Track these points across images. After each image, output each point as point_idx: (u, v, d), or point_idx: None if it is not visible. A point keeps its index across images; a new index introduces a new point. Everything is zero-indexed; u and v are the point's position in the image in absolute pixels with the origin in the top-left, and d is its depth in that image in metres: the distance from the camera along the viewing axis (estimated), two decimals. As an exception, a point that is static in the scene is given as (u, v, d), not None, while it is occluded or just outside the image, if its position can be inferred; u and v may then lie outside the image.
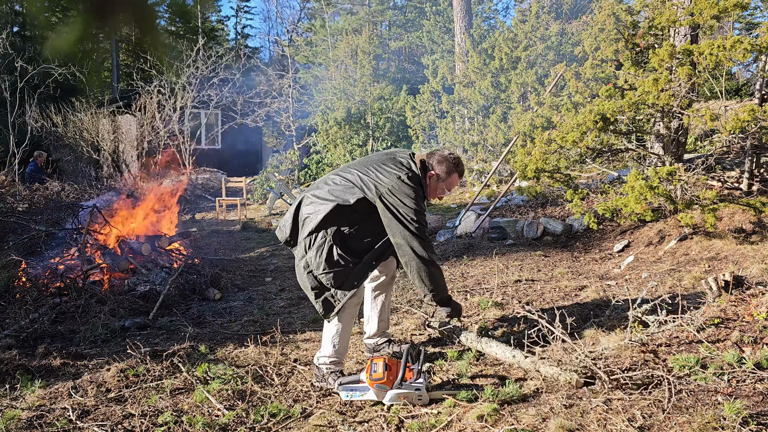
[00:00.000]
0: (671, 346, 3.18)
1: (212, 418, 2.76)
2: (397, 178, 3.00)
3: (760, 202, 5.13)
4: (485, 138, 11.05)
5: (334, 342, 3.11)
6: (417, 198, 3.00)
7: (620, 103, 5.52)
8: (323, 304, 3.05)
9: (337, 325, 3.10)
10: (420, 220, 2.97)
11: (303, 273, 3.06)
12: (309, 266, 3.02)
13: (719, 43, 5.01)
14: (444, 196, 3.30)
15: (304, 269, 3.05)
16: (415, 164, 3.11)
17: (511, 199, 8.85)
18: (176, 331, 4.38)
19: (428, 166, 3.17)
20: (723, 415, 2.37)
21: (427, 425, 2.59)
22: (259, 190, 13.86)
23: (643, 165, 6.67)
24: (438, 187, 3.21)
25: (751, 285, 3.80)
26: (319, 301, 3.05)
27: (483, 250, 6.63)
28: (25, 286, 4.91)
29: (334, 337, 3.11)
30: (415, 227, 2.95)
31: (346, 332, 3.14)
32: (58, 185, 10.24)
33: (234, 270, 6.46)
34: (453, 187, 3.28)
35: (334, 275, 2.98)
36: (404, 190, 2.98)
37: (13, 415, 2.83)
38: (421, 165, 3.14)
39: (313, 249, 3.00)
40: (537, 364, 2.99)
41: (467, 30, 14.35)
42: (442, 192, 3.25)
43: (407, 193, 2.98)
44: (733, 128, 4.87)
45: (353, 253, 3.02)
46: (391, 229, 2.97)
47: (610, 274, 5.27)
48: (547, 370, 2.93)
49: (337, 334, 3.10)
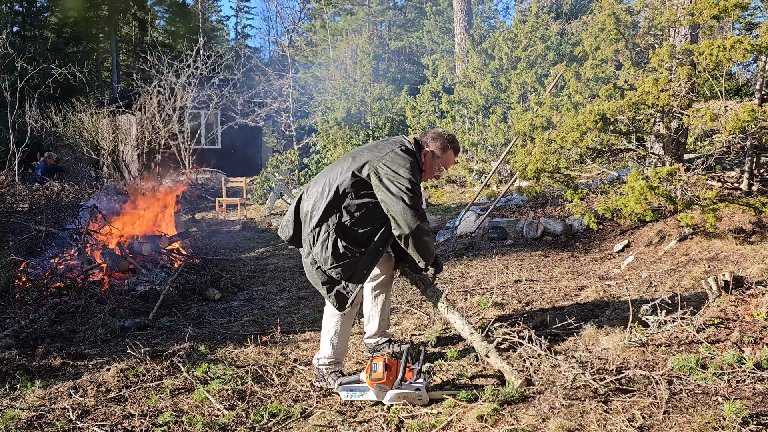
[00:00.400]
0: (671, 346, 3.18)
1: (212, 418, 2.76)
2: (390, 151, 2.99)
3: (760, 202, 5.12)
4: (485, 138, 11.05)
5: (333, 343, 3.10)
6: (412, 168, 2.93)
7: (620, 103, 5.52)
8: (336, 298, 3.02)
9: (336, 326, 3.10)
10: (414, 191, 2.88)
11: (312, 269, 3.03)
12: (317, 262, 3.00)
13: (719, 43, 5.01)
14: (440, 174, 3.22)
15: (312, 265, 3.02)
16: (409, 142, 3.10)
17: (511, 199, 8.85)
18: (176, 331, 4.38)
19: (422, 144, 3.14)
20: (723, 415, 2.37)
21: (427, 425, 2.59)
22: (259, 190, 13.85)
23: (643, 165, 6.67)
24: (434, 165, 3.14)
25: (751, 285, 3.80)
26: (332, 295, 3.02)
27: (483, 250, 6.62)
28: (25, 286, 4.91)
29: (333, 338, 3.10)
30: (409, 197, 2.85)
31: (345, 332, 3.13)
32: (58, 185, 10.23)
33: (234, 270, 6.45)
34: (449, 165, 3.20)
35: (343, 268, 2.95)
36: (398, 161, 2.94)
37: (13, 415, 2.83)
38: (415, 143, 3.11)
39: (318, 244, 2.97)
40: (489, 349, 2.99)
41: (467, 30, 14.36)
42: (439, 170, 3.17)
43: (401, 164, 2.92)
44: (733, 128, 4.87)
45: (358, 243, 2.98)
46: (385, 203, 2.89)
47: (610, 274, 5.27)
48: (496, 360, 2.94)
49: (336, 335, 3.10)
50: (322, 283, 3.02)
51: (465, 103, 12.18)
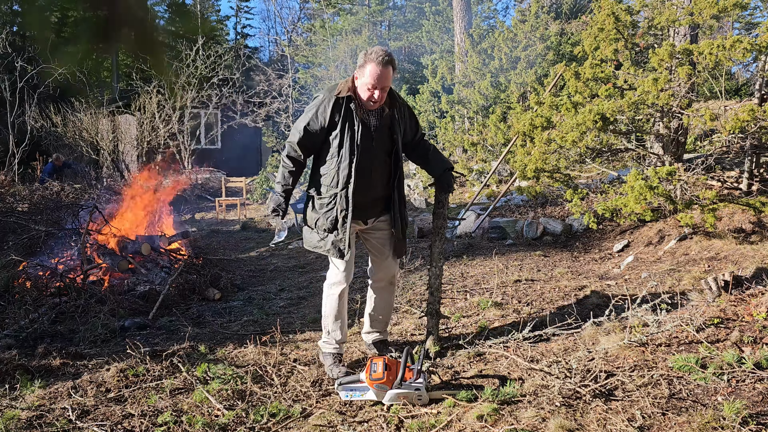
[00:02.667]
0: (671, 346, 3.18)
1: (212, 418, 2.75)
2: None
3: (760, 202, 5.12)
4: (485, 138, 11.05)
5: (326, 326, 3.35)
6: (309, 110, 3.12)
7: (620, 102, 5.51)
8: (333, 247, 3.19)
9: (324, 309, 3.35)
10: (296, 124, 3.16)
11: (307, 234, 3.28)
12: (307, 223, 3.28)
13: (719, 43, 5.01)
14: (375, 94, 3.00)
15: (307, 231, 3.28)
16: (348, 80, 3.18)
17: (510, 199, 8.85)
18: (176, 331, 4.38)
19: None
20: (723, 415, 2.37)
21: (427, 425, 2.59)
22: (258, 190, 13.86)
23: (642, 165, 6.67)
24: (362, 87, 3.03)
25: (751, 285, 3.80)
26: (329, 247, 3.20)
27: (483, 250, 6.62)
28: (25, 286, 4.90)
29: (324, 321, 3.36)
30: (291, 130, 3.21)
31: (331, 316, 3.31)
32: (58, 185, 10.24)
33: (234, 270, 6.45)
34: (374, 80, 2.95)
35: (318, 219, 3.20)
36: (310, 104, 3.17)
37: (13, 415, 2.83)
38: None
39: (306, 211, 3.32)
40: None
41: (467, 30, 14.35)
42: (368, 91, 3.00)
43: (310, 106, 3.15)
44: (733, 128, 4.87)
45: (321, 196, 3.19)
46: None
47: (610, 274, 5.27)
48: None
49: (326, 317, 3.34)
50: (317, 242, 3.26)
51: (464, 102, 12.19)
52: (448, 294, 4.79)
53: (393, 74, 3.01)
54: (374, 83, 2.97)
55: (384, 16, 27.62)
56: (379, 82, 2.96)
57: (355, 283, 5.22)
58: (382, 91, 3.00)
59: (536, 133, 6.04)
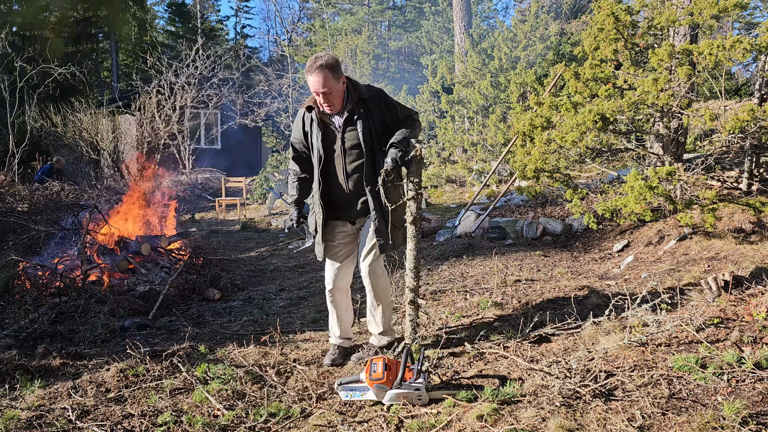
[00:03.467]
0: (671, 346, 3.18)
1: (212, 418, 2.76)
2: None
3: (760, 202, 5.13)
4: (485, 138, 11.05)
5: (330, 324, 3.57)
6: (296, 120, 3.38)
7: (620, 103, 5.51)
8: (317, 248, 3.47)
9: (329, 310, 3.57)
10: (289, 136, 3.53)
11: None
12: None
13: (719, 43, 5.01)
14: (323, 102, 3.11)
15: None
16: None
17: (510, 199, 8.85)
18: (176, 331, 4.38)
19: None
20: (723, 414, 2.37)
21: (427, 425, 2.59)
22: (258, 190, 13.86)
23: (642, 165, 6.67)
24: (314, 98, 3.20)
25: (751, 285, 3.80)
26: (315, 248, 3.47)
27: (482, 250, 6.62)
28: (25, 286, 4.90)
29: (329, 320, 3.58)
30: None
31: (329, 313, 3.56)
32: (58, 185, 10.24)
33: (234, 270, 6.45)
34: (314, 88, 3.06)
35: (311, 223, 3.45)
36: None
37: (13, 415, 2.83)
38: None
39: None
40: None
41: (467, 30, 14.36)
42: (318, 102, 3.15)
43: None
44: (733, 128, 4.87)
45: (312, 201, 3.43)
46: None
47: (610, 274, 5.27)
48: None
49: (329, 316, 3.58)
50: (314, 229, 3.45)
51: (464, 102, 12.19)
52: (448, 294, 4.79)
53: (332, 75, 3.03)
54: (315, 90, 3.08)
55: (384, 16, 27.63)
56: (318, 88, 3.05)
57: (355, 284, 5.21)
58: (325, 96, 3.07)
59: (536, 133, 6.04)
